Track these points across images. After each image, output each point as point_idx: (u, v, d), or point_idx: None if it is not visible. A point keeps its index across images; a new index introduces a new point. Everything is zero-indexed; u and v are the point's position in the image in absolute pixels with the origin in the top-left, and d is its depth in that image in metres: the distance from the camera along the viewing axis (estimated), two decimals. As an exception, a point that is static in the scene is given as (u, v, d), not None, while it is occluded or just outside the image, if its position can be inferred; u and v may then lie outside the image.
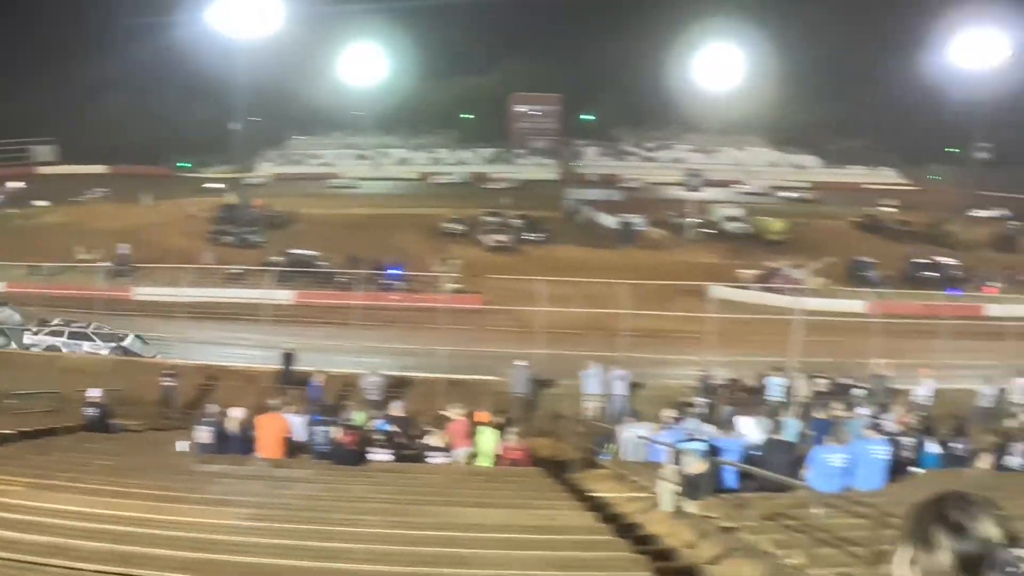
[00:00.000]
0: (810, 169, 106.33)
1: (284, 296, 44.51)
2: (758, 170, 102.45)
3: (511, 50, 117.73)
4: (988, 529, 2.28)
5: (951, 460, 17.53)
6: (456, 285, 43.57)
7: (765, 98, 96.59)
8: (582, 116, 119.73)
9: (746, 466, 14.48)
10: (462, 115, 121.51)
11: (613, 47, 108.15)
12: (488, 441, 18.41)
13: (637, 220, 69.04)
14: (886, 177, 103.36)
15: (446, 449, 18.26)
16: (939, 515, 2.36)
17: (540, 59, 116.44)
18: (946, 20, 79.38)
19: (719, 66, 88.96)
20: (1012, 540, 2.30)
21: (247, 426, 17.75)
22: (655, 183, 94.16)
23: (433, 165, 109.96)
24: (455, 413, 19.39)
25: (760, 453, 15.27)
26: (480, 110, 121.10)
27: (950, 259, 58.78)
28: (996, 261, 61.53)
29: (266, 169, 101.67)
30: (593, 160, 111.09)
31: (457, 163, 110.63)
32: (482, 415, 20.20)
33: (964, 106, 78.51)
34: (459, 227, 66.92)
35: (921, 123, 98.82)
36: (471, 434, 18.71)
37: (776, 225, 68.49)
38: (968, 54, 75.93)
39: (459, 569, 9.20)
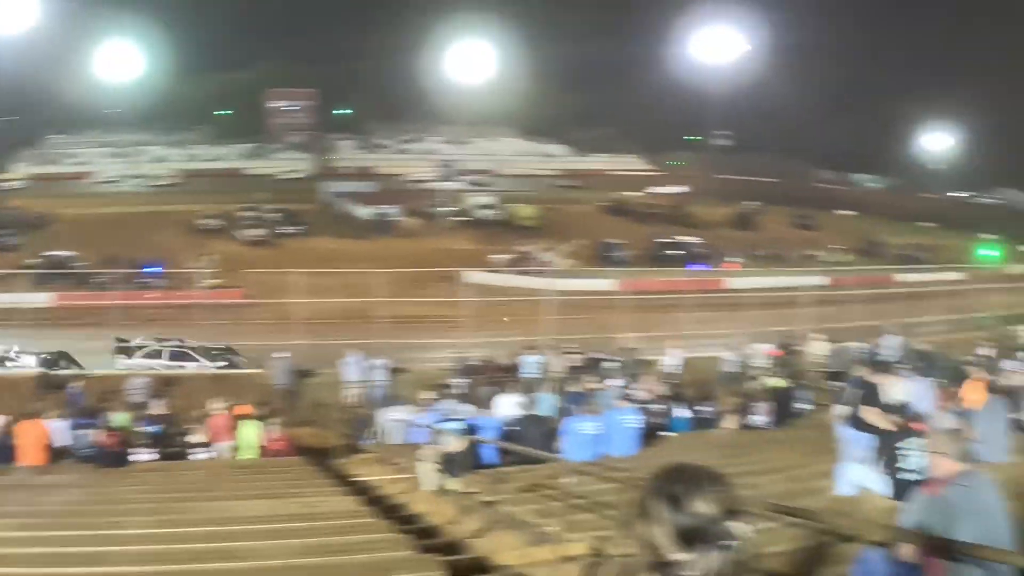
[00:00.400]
0: (559, 158, 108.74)
1: (42, 299, 42.14)
2: (509, 159, 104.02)
3: (267, 45, 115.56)
4: (704, 504, 2.25)
5: (699, 423, 18.09)
6: (215, 281, 42.26)
7: (515, 90, 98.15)
8: (337, 111, 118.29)
9: (502, 442, 14.64)
10: (218, 111, 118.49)
11: (367, 42, 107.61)
12: (250, 434, 18.16)
13: (392, 211, 69.00)
14: (631, 164, 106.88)
15: (208, 444, 18.00)
16: (658, 488, 2.33)
17: (296, 54, 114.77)
18: (687, 16, 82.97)
19: (470, 60, 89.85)
20: (728, 514, 2.26)
21: (6, 434, 16.69)
22: (409, 174, 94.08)
23: (190, 161, 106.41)
24: (216, 408, 18.83)
25: (517, 428, 15.38)
26: (237, 106, 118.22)
27: (691, 237, 60.95)
28: (735, 239, 64.66)
29: (21, 170, 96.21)
30: (349, 153, 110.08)
31: (214, 159, 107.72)
32: (244, 408, 19.66)
33: (704, 97, 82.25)
34: (216, 223, 64.66)
35: (664, 113, 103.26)
36: (233, 428, 18.34)
37: (527, 211, 69.34)
38: (708, 48, 79.38)
39: (226, 563, 8.99)
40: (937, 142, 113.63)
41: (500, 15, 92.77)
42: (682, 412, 18.19)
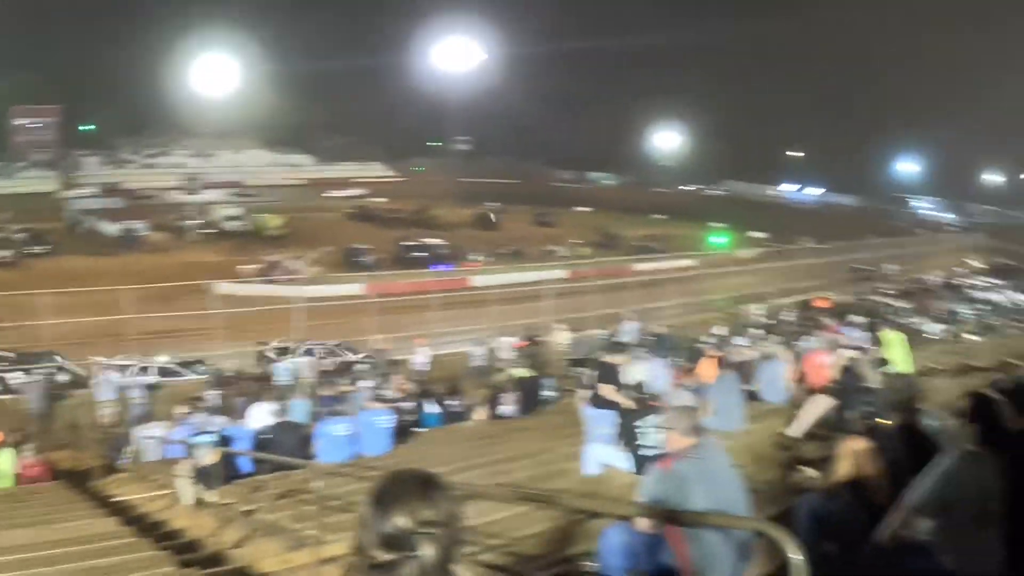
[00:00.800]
0: (304, 167, 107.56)
1: None
2: (255, 171, 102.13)
3: (9, 62, 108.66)
4: (402, 514, 2.32)
5: (450, 417, 18.20)
6: None
7: (259, 102, 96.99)
8: (81, 127, 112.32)
9: (254, 452, 14.40)
10: None
11: (110, 57, 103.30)
12: (4, 461, 16.93)
13: (139, 226, 66.27)
14: (375, 171, 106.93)
15: None
16: (372, 495, 2.41)
17: (40, 70, 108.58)
18: (427, 26, 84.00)
19: (214, 73, 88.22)
20: (425, 524, 2.33)
21: None
22: (155, 189, 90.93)
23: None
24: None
25: (270, 436, 15.06)
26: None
27: (435, 239, 61.55)
28: (478, 238, 65.83)
29: None
30: (94, 170, 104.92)
31: None
32: None
33: (444, 104, 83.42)
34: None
35: (406, 120, 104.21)
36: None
37: (274, 221, 68.16)
38: (447, 57, 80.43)
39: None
40: (666, 140, 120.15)
41: (242, 27, 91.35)
42: (432, 408, 18.33)
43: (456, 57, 79.32)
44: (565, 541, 7.43)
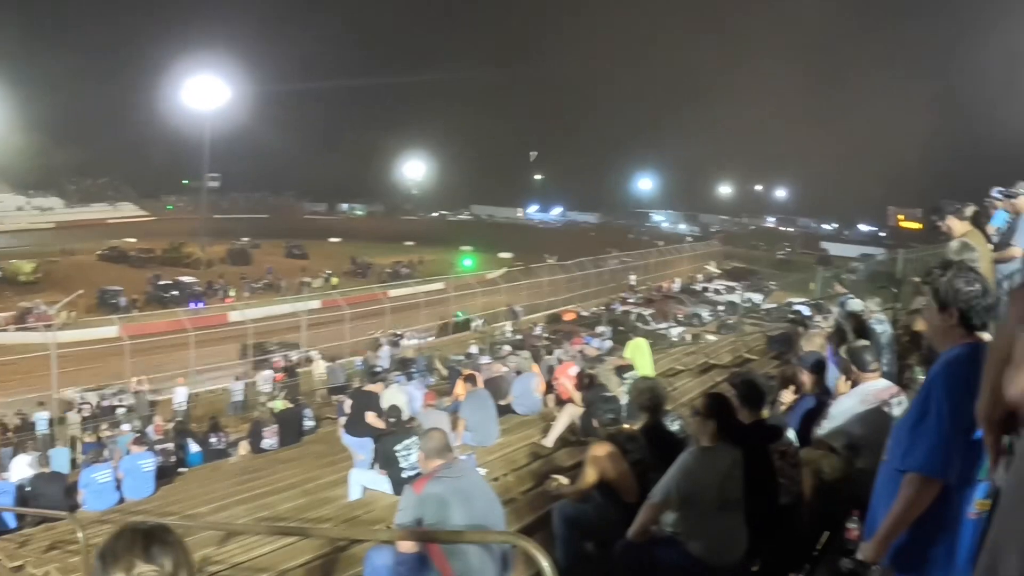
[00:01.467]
0: (55, 210, 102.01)
1: None
2: (3, 215, 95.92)
3: None
4: (121, 572, 2.25)
5: (212, 454, 18.13)
6: None
7: (6, 143, 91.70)
8: None
9: (13, 508, 13.73)
10: None
11: None
12: None
13: None
14: (126, 211, 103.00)
15: None
16: (97, 553, 2.32)
17: None
18: (176, 65, 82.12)
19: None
20: (176, 569, 2.31)
21: None
22: None
23: None
24: None
25: (31, 488, 14.47)
26: None
27: (190, 277, 60.10)
28: (232, 273, 64.69)
29: None
30: None
31: None
32: None
33: (194, 141, 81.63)
34: None
35: (156, 159, 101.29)
36: None
37: (26, 267, 64.46)
38: (195, 96, 78.69)
39: None
40: (413, 170, 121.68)
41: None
42: (194, 446, 18.31)
43: (204, 95, 77.69)
44: (331, 569, 7.46)
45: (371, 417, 12.33)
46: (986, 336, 3.35)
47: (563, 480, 7.40)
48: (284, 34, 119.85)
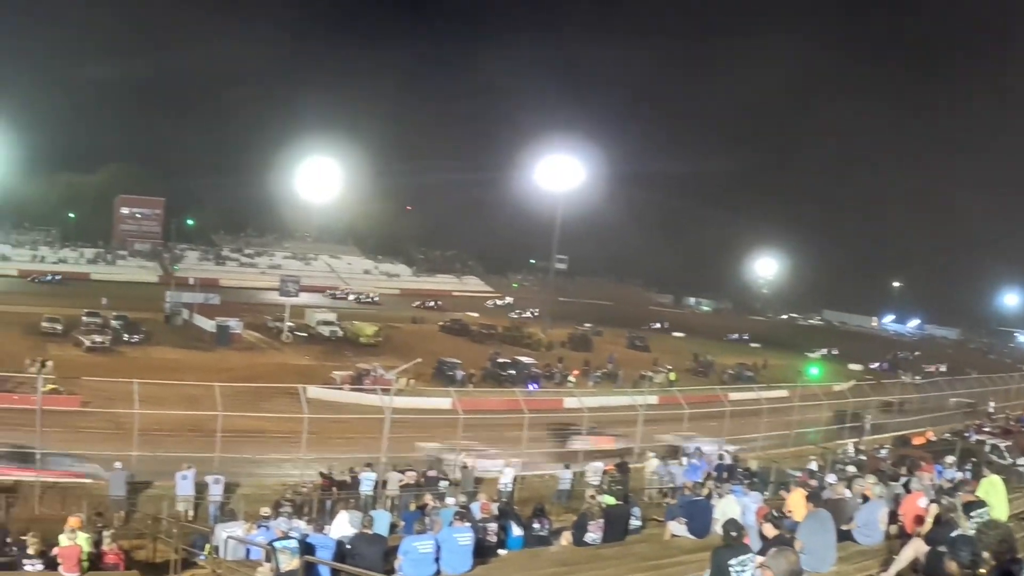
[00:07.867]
0: (401, 277, 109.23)
1: None
2: (352, 277, 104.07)
3: (118, 151, 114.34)
4: None
5: (534, 540, 17.89)
6: (52, 386, 39.98)
7: (361, 210, 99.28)
8: (186, 220, 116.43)
9: (334, 563, 14.04)
10: (66, 214, 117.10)
11: (217, 155, 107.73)
12: (82, 547, 16.58)
13: (233, 323, 67.66)
14: (472, 285, 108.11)
15: (43, 556, 16.37)
16: None
17: (147, 162, 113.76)
18: (531, 143, 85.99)
19: (318, 177, 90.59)
20: None
21: None
22: (252, 288, 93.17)
23: (33, 262, 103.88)
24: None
25: (351, 547, 14.80)
26: (84, 209, 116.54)
27: (528, 358, 61.64)
28: (575, 359, 65.86)
29: None
30: (194, 264, 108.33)
31: (58, 261, 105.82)
32: (75, 520, 18.10)
33: (544, 222, 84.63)
34: (57, 326, 62.47)
35: (505, 235, 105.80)
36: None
37: (368, 329, 69.21)
38: (549, 176, 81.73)
39: None
40: (764, 268, 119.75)
41: (349, 135, 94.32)
42: (516, 529, 18.15)
43: (558, 174, 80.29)
44: None
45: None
46: None
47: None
48: (640, 116, 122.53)
